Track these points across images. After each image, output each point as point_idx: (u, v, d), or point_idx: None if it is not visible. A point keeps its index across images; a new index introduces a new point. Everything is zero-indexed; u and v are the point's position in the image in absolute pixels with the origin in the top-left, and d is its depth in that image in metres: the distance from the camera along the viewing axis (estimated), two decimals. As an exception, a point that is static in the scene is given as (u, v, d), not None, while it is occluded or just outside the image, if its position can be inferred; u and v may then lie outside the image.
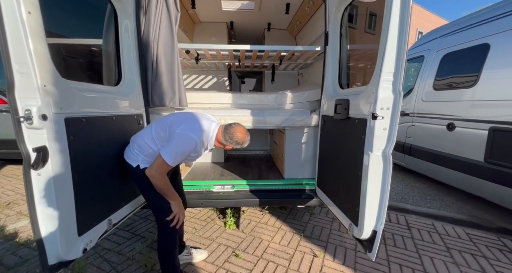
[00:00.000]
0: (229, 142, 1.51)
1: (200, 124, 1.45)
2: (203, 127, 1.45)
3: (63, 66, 1.33)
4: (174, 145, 1.34)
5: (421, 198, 3.39)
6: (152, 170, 1.34)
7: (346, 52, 1.94)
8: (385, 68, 1.16)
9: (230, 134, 1.49)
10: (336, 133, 1.75)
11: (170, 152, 1.33)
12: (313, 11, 2.63)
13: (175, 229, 1.50)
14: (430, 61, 3.43)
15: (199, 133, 1.41)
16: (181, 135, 1.36)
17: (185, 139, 1.35)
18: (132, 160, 1.45)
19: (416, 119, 3.57)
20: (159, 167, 1.34)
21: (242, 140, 1.52)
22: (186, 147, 1.37)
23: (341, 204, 1.65)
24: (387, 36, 1.13)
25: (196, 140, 1.38)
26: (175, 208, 1.47)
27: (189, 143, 1.37)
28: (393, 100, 1.18)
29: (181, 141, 1.35)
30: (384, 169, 1.26)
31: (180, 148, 1.35)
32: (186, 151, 1.38)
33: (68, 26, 1.41)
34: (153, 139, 1.42)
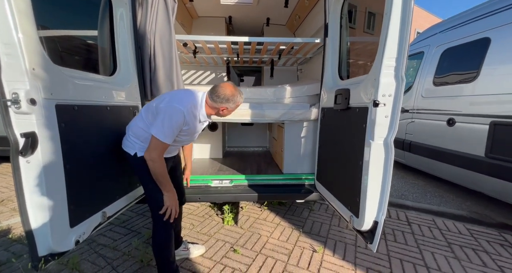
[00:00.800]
0: (220, 102, 1.39)
1: (184, 95, 1.39)
2: (188, 97, 1.37)
3: (55, 52, 1.29)
4: (161, 120, 1.28)
5: (421, 194, 3.37)
6: (148, 152, 1.29)
7: (346, 44, 1.91)
8: (387, 53, 1.13)
9: (217, 93, 1.38)
10: (336, 124, 1.72)
11: (159, 127, 1.27)
12: (313, 4, 2.60)
13: (169, 223, 1.44)
14: (430, 57, 3.41)
15: (183, 103, 1.33)
16: (166, 108, 1.29)
17: (170, 111, 1.28)
18: (129, 148, 1.41)
19: (416, 115, 3.55)
20: (155, 148, 1.28)
21: (232, 95, 1.39)
22: (174, 119, 1.29)
23: (341, 196, 1.61)
24: (389, 21, 1.10)
25: (182, 110, 1.30)
26: (167, 200, 1.39)
27: (176, 114, 1.29)
28: (395, 86, 1.15)
29: (167, 114, 1.28)
30: (386, 157, 1.23)
31: (168, 122, 1.27)
32: (175, 124, 1.30)
33: (61, 13, 1.37)
34: (145, 123, 1.38)
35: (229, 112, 1.48)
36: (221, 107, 1.42)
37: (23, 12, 0.94)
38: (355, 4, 1.85)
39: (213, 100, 1.40)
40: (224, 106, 1.42)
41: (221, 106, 1.42)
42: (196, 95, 1.41)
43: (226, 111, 1.46)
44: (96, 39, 1.58)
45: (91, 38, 1.59)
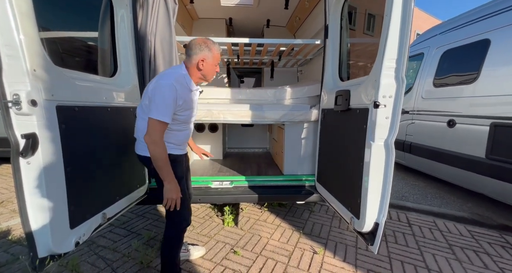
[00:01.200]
0: (194, 54, 1.32)
1: (166, 71, 1.37)
2: (171, 71, 1.34)
3: (56, 53, 1.29)
4: (154, 100, 1.24)
5: (421, 196, 3.36)
6: (148, 135, 1.23)
7: (346, 45, 1.91)
8: (388, 54, 1.13)
9: (189, 47, 1.33)
10: (336, 125, 1.72)
11: (154, 108, 1.23)
12: (313, 5, 2.61)
13: (180, 223, 1.43)
14: (430, 58, 3.42)
15: (169, 77, 1.29)
16: (155, 89, 1.25)
17: (159, 89, 1.24)
18: (144, 151, 1.35)
19: (416, 116, 3.55)
20: (154, 129, 1.22)
21: (203, 42, 1.33)
22: (166, 95, 1.24)
23: (342, 197, 1.61)
24: (389, 22, 1.10)
25: (170, 83, 1.25)
26: (167, 192, 1.29)
27: (166, 89, 1.24)
28: (396, 87, 1.15)
29: (158, 92, 1.24)
30: (386, 158, 1.23)
31: (161, 99, 1.23)
32: (168, 99, 1.24)
33: (62, 15, 1.37)
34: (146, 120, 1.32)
35: (210, 65, 1.37)
36: (199, 61, 1.33)
37: (24, 14, 0.94)
38: (355, 6, 1.86)
39: (190, 56, 1.34)
40: (201, 57, 1.33)
41: (199, 60, 1.33)
42: (177, 67, 1.38)
43: (206, 64, 1.35)
44: (96, 41, 1.58)
45: (92, 39, 1.59)
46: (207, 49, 1.33)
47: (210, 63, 1.37)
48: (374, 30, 1.75)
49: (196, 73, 1.38)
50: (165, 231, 1.47)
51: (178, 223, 1.45)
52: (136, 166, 1.78)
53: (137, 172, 1.79)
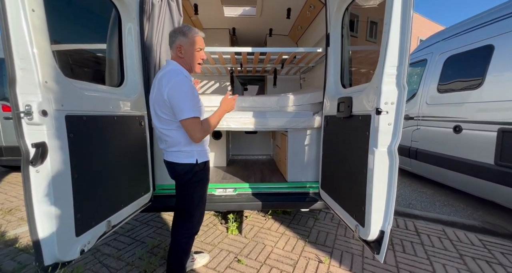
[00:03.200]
0: (174, 42, 1.33)
1: (167, 70, 1.32)
2: (170, 70, 1.31)
3: (66, 65, 1.35)
4: (178, 101, 1.23)
5: (429, 203, 3.28)
6: (194, 137, 1.28)
7: (348, 53, 1.94)
8: (388, 61, 1.15)
9: (169, 40, 1.35)
10: (339, 132, 1.72)
11: (183, 108, 1.22)
12: (314, 15, 2.66)
13: (193, 228, 1.47)
14: (433, 64, 3.41)
15: (177, 73, 1.29)
16: (172, 89, 1.23)
17: (177, 88, 1.23)
18: (176, 158, 1.38)
19: (421, 122, 3.51)
20: (194, 129, 1.26)
21: (179, 29, 1.34)
22: (186, 90, 1.25)
23: (346, 205, 1.59)
24: (389, 30, 1.12)
25: (183, 77, 1.27)
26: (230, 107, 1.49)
27: (184, 85, 1.25)
28: (398, 94, 1.16)
29: (178, 92, 1.23)
30: (390, 165, 1.22)
31: (183, 96, 1.23)
32: (190, 93, 1.26)
33: (72, 28, 1.44)
34: (162, 121, 1.34)
35: (189, 51, 1.34)
36: (177, 48, 1.33)
37: (37, 28, 0.99)
38: (356, 14, 1.89)
39: (170, 47, 1.35)
40: (177, 44, 1.32)
41: (176, 47, 1.33)
42: (169, 64, 1.36)
43: (185, 50, 1.33)
44: (104, 52, 1.64)
45: (100, 51, 1.66)
46: (181, 35, 1.32)
47: (189, 49, 1.34)
48: (375, 37, 1.78)
49: (181, 62, 1.37)
50: (176, 236, 1.47)
51: (192, 226, 1.47)
52: (141, 174, 1.80)
53: (141, 180, 1.81)
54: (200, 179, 1.45)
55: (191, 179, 1.41)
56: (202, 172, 1.45)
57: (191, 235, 1.49)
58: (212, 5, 2.66)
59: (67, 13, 1.39)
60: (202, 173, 1.45)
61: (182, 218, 1.48)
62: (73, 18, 1.43)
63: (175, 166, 1.41)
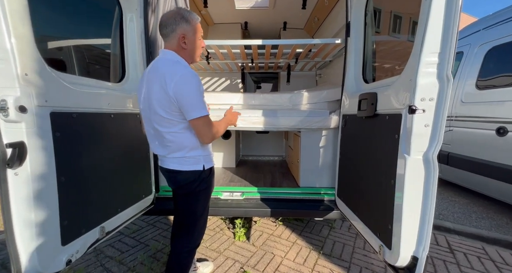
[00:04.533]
0: (175, 30, 1.11)
1: (167, 62, 1.11)
2: (172, 61, 1.12)
3: (56, 58, 1.26)
4: (188, 95, 1.05)
5: (464, 215, 2.90)
6: (205, 137, 1.13)
7: (371, 43, 1.69)
8: (427, 47, 0.91)
9: (162, 26, 1.12)
10: (360, 133, 1.49)
11: (194, 104, 1.06)
12: (333, 3, 2.42)
13: (196, 240, 1.33)
14: (471, 57, 3.00)
15: (179, 66, 1.09)
16: (181, 83, 1.04)
17: (184, 84, 1.05)
18: (176, 164, 1.19)
19: (455, 123, 3.12)
20: (205, 129, 1.11)
21: (176, 13, 1.11)
22: (195, 86, 1.07)
23: (368, 219, 1.36)
24: (430, 4, 0.88)
25: (188, 71, 1.07)
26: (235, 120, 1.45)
27: (192, 81, 1.06)
28: (439, 88, 0.92)
29: (186, 89, 1.05)
30: (427, 176, 0.99)
31: (194, 89, 1.06)
32: (199, 90, 1.09)
33: (64, 16, 1.32)
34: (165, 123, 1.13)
35: (193, 40, 1.15)
36: (180, 38, 1.11)
37: (16, 12, 0.88)
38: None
39: (167, 36, 1.11)
40: (180, 33, 1.10)
41: (179, 37, 1.11)
42: (168, 55, 1.14)
43: (189, 40, 1.13)
44: (102, 45, 1.55)
45: (98, 44, 1.56)
46: (183, 21, 1.10)
47: (192, 38, 1.15)
48: (407, 26, 1.52)
49: (182, 55, 1.16)
50: (175, 249, 1.31)
51: (195, 239, 1.33)
52: (141, 175, 1.70)
53: (142, 182, 1.71)
54: (206, 187, 1.28)
55: (196, 188, 1.23)
56: (208, 179, 1.28)
57: (192, 248, 1.33)
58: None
59: (61, 5, 1.29)
60: (209, 180, 1.29)
61: (182, 231, 1.32)
62: (66, 6, 1.33)
63: (178, 175, 1.21)
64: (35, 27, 0.96)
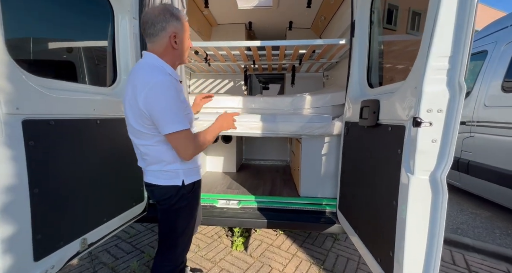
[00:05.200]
0: (165, 29, 0.99)
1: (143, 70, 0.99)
2: (148, 65, 1.00)
3: (31, 61, 1.21)
4: (159, 107, 0.93)
5: (486, 230, 2.63)
6: (183, 154, 1.00)
7: (378, 44, 1.53)
8: (436, 49, 0.77)
9: (152, 24, 0.98)
10: (362, 144, 1.35)
11: (167, 118, 0.94)
12: (339, 2, 2.27)
13: (177, 259, 1.22)
14: (497, 56, 2.72)
15: (154, 73, 0.96)
16: (152, 93, 0.93)
17: (157, 90, 0.93)
18: (171, 179, 1.08)
19: (476, 128, 2.84)
20: (183, 144, 0.98)
21: (163, 9, 0.99)
22: (170, 93, 0.95)
23: (368, 241, 1.22)
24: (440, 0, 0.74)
25: (162, 79, 0.95)
26: (228, 126, 1.22)
27: (165, 87, 0.94)
28: (449, 98, 0.78)
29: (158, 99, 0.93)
30: (434, 201, 0.85)
31: (167, 100, 0.94)
32: (174, 97, 0.97)
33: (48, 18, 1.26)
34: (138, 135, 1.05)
35: (183, 39, 1.05)
36: (171, 37, 1.00)
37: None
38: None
39: (155, 36, 0.98)
40: (170, 31, 0.99)
41: (170, 36, 0.99)
42: (149, 59, 1.03)
43: (179, 39, 1.03)
44: (89, 47, 1.51)
45: (83, 45, 1.52)
46: (174, 18, 0.99)
47: (183, 37, 1.05)
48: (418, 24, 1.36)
49: (171, 56, 1.04)
50: (156, 267, 1.21)
51: (176, 258, 1.21)
52: (132, 182, 1.65)
53: (133, 189, 1.66)
54: (186, 204, 1.14)
55: (174, 205, 1.11)
56: (190, 195, 1.14)
57: (174, 268, 1.22)
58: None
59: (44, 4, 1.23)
60: (190, 196, 1.15)
61: (163, 247, 1.22)
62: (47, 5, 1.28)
63: (155, 190, 1.12)
64: (6, 26, 0.90)
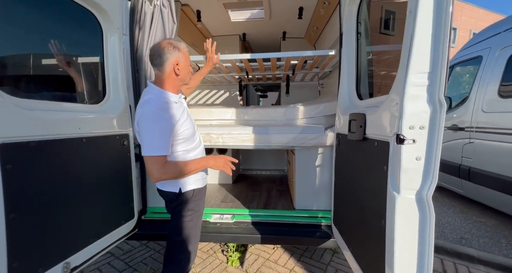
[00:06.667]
0: (166, 60, 1.17)
1: (142, 100, 1.21)
2: (145, 97, 1.20)
3: (8, 80, 1.21)
4: (142, 135, 1.14)
5: (491, 240, 2.53)
6: (151, 176, 1.14)
7: (366, 54, 1.53)
8: (414, 66, 0.76)
9: (154, 56, 1.17)
10: (352, 157, 1.32)
11: (144, 144, 1.13)
12: (330, 12, 2.29)
13: (186, 265, 1.30)
14: (492, 62, 2.71)
15: (146, 103, 1.15)
16: (141, 119, 1.14)
17: (143, 120, 1.13)
18: (171, 186, 1.27)
19: (475, 134, 2.80)
20: (152, 167, 1.12)
21: (168, 43, 1.18)
22: (153, 123, 1.12)
23: (361, 259, 1.17)
24: (415, 17, 0.73)
25: (151, 110, 1.12)
26: (216, 165, 1.27)
27: (153, 115, 1.12)
28: (430, 114, 0.75)
29: (144, 125, 1.13)
30: (422, 221, 0.81)
31: (149, 128, 1.12)
32: (157, 126, 1.12)
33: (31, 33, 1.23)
34: None
35: (185, 66, 1.23)
36: (174, 66, 1.18)
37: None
38: (376, 6, 1.49)
39: (161, 65, 1.17)
40: (174, 61, 1.17)
41: (173, 65, 1.18)
42: (149, 89, 1.24)
43: (181, 67, 1.21)
44: (78, 66, 1.51)
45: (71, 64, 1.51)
46: (176, 50, 1.19)
47: (184, 64, 1.24)
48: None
49: (174, 82, 1.24)
50: None
51: (176, 266, 1.29)
52: (121, 200, 1.63)
53: (122, 207, 1.63)
54: (189, 209, 1.29)
55: (175, 209, 1.30)
56: (191, 201, 1.29)
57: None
58: (216, 10, 2.47)
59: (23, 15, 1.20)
60: (192, 202, 1.29)
61: (170, 252, 1.32)
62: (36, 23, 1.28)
63: (160, 193, 1.34)
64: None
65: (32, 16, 1.24)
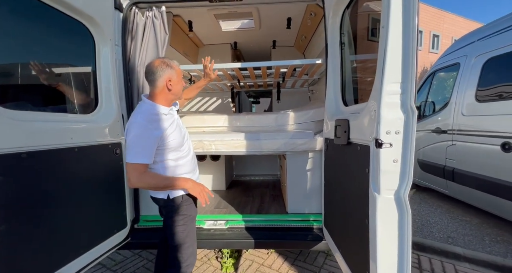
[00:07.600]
0: (159, 77, 1.26)
1: (134, 112, 1.30)
2: (137, 110, 1.31)
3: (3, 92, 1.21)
4: (127, 142, 1.24)
5: (476, 238, 2.63)
6: (129, 182, 1.22)
7: (350, 63, 1.62)
8: (388, 77, 0.83)
9: (148, 73, 1.27)
10: (339, 162, 1.39)
11: (128, 151, 1.22)
12: (316, 23, 2.40)
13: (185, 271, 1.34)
14: (469, 69, 2.88)
15: (136, 116, 1.25)
16: (128, 128, 1.25)
17: (130, 129, 1.22)
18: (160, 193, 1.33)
19: (457, 137, 2.94)
20: (131, 174, 1.20)
21: (161, 62, 1.27)
22: (138, 133, 1.21)
23: (349, 260, 1.22)
24: (387, 35, 0.81)
25: (138, 121, 1.22)
26: (192, 189, 1.31)
27: (135, 128, 1.21)
28: (404, 120, 0.83)
29: (130, 131, 1.21)
30: (400, 219, 0.87)
31: (134, 137, 1.21)
32: (141, 136, 1.21)
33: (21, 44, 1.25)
34: None
35: (177, 82, 1.32)
36: (166, 82, 1.27)
37: None
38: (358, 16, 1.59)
39: (154, 81, 1.27)
40: (166, 77, 1.27)
41: (165, 81, 1.27)
42: (142, 102, 1.34)
43: (174, 83, 1.30)
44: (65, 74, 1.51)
45: (64, 75, 1.54)
46: (169, 68, 1.29)
47: (177, 80, 1.33)
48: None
49: (166, 96, 1.33)
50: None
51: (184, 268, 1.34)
52: (113, 209, 1.63)
53: (114, 216, 1.63)
54: (180, 213, 1.34)
55: (168, 214, 1.36)
56: (182, 206, 1.34)
57: None
58: (207, 20, 2.55)
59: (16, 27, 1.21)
60: (183, 207, 1.35)
61: (169, 257, 1.36)
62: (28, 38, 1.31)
63: (153, 199, 1.40)
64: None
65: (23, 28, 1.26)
